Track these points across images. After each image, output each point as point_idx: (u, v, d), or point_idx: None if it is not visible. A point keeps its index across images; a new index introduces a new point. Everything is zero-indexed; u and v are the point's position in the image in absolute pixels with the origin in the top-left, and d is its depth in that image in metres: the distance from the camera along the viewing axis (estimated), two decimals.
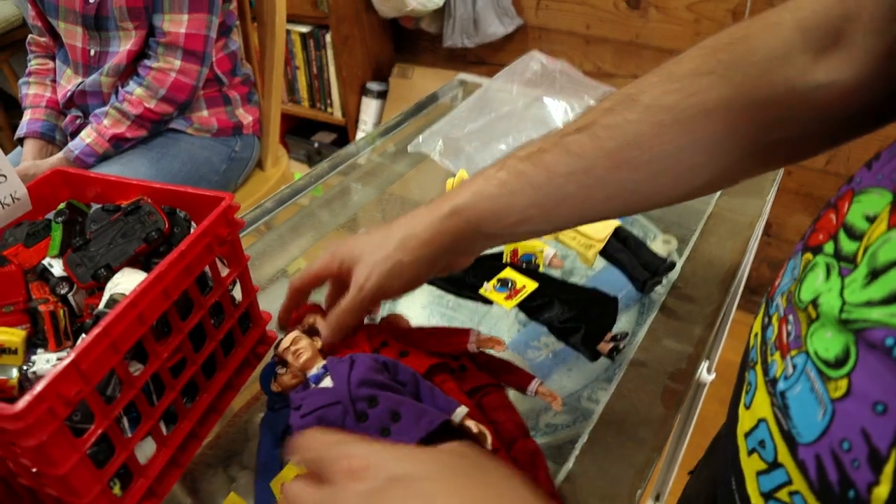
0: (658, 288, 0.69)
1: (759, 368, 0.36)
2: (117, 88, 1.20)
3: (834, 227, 0.34)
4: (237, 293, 0.57)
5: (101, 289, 0.50)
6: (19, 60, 2.16)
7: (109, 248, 0.51)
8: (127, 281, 0.49)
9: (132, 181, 0.57)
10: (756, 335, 0.38)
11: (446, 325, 0.54)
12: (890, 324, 0.27)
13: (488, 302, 0.64)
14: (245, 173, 1.40)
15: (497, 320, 0.70)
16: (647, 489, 0.51)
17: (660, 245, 0.75)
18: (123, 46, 1.18)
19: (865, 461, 0.27)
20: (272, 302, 0.58)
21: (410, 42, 2.22)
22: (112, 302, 0.47)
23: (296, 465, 0.45)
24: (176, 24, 1.15)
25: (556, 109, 0.99)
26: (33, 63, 1.31)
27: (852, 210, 0.33)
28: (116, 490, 0.45)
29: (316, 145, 2.37)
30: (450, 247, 0.47)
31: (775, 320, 0.36)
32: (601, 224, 0.70)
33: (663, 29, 1.73)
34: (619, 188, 0.45)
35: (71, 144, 1.18)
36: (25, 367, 0.45)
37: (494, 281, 0.64)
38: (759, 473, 0.34)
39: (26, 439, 0.37)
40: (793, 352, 0.33)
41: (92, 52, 1.20)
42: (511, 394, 0.50)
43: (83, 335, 0.48)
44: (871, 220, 0.31)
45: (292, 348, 0.49)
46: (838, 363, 0.29)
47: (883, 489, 0.26)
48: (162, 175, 1.21)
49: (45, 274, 0.51)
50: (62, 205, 0.56)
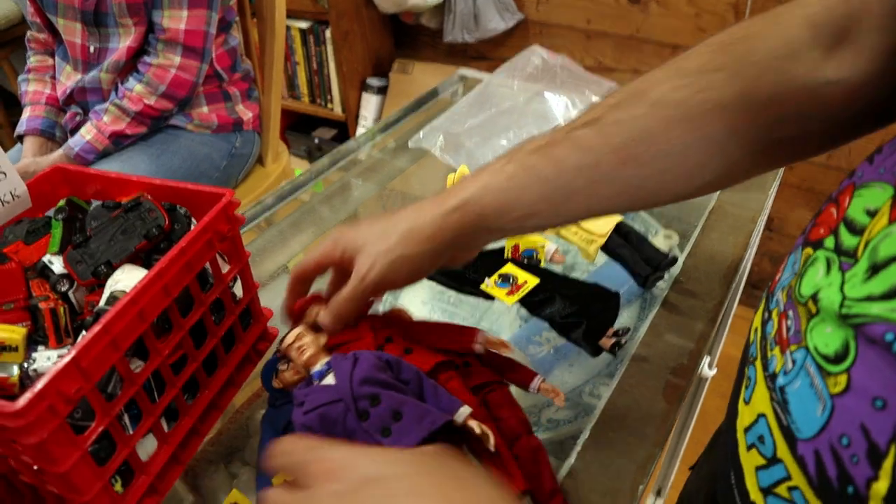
0: (660, 283, 0.69)
1: (759, 363, 0.36)
2: (117, 85, 1.20)
3: (835, 222, 0.34)
4: (238, 290, 0.57)
5: (102, 286, 0.50)
6: (19, 57, 2.15)
7: (110, 245, 0.51)
8: (127, 278, 0.49)
9: (132, 178, 0.57)
10: (756, 330, 0.38)
11: (449, 322, 0.53)
12: (890, 319, 0.27)
13: (490, 297, 0.64)
14: (245, 169, 1.40)
15: (498, 316, 0.70)
16: (649, 484, 0.51)
17: (661, 240, 0.75)
18: (123, 43, 1.17)
19: (864, 457, 0.27)
20: (273, 298, 0.58)
21: (411, 37, 2.22)
22: (112, 299, 0.47)
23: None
24: (175, 21, 1.15)
25: (557, 104, 0.99)
26: (33, 60, 1.31)
27: (853, 204, 0.33)
28: (118, 487, 0.45)
29: (316, 141, 2.37)
30: (454, 241, 0.47)
31: (775, 315, 0.36)
32: (603, 219, 0.69)
33: (664, 23, 1.73)
34: (626, 184, 0.45)
35: (71, 141, 1.18)
36: (26, 365, 0.45)
37: (496, 276, 0.64)
38: (759, 469, 0.34)
39: (27, 437, 0.37)
40: (792, 347, 0.33)
41: (91, 49, 1.20)
42: (513, 389, 0.50)
43: (84, 332, 0.48)
44: (872, 215, 0.31)
45: (296, 344, 0.48)
46: (838, 358, 0.29)
47: (882, 484, 0.26)
48: (162, 172, 1.21)
49: (46, 271, 0.51)
50: (62, 202, 0.56)
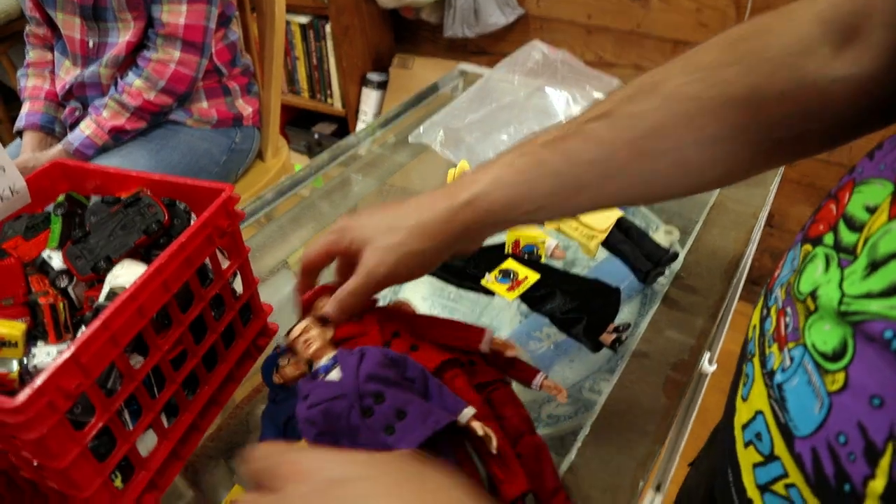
0: (660, 279, 0.69)
1: (757, 360, 0.36)
2: (116, 80, 1.20)
3: (834, 218, 0.34)
4: (238, 285, 0.57)
5: (101, 281, 0.50)
6: (18, 52, 2.14)
7: (109, 241, 0.50)
8: (127, 273, 0.49)
9: (132, 173, 0.56)
10: (754, 327, 0.38)
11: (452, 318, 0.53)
12: (889, 316, 0.27)
13: (490, 293, 0.64)
14: (245, 164, 1.40)
15: (499, 311, 0.70)
16: (649, 480, 0.52)
17: (662, 236, 0.75)
18: (122, 38, 1.17)
19: (861, 455, 0.27)
20: (273, 293, 0.58)
21: (411, 32, 2.21)
22: (112, 294, 0.47)
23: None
24: (175, 15, 1.14)
25: (558, 99, 0.98)
26: (31, 55, 1.30)
27: (853, 201, 0.33)
28: (118, 483, 0.45)
29: (316, 136, 2.36)
30: (461, 236, 0.47)
31: (774, 312, 0.36)
32: (603, 214, 0.69)
33: (665, 18, 1.72)
34: (637, 178, 0.44)
35: (70, 136, 1.18)
36: (26, 361, 0.45)
37: (496, 272, 0.64)
38: (756, 466, 0.34)
39: (27, 433, 0.37)
40: (790, 344, 0.33)
41: (90, 44, 1.20)
42: (514, 385, 0.50)
43: (83, 328, 0.48)
44: (872, 211, 0.31)
45: (302, 337, 0.48)
46: (836, 356, 0.29)
47: (878, 483, 0.26)
48: (162, 167, 1.21)
49: (45, 267, 0.51)
50: (61, 197, 0.55)
